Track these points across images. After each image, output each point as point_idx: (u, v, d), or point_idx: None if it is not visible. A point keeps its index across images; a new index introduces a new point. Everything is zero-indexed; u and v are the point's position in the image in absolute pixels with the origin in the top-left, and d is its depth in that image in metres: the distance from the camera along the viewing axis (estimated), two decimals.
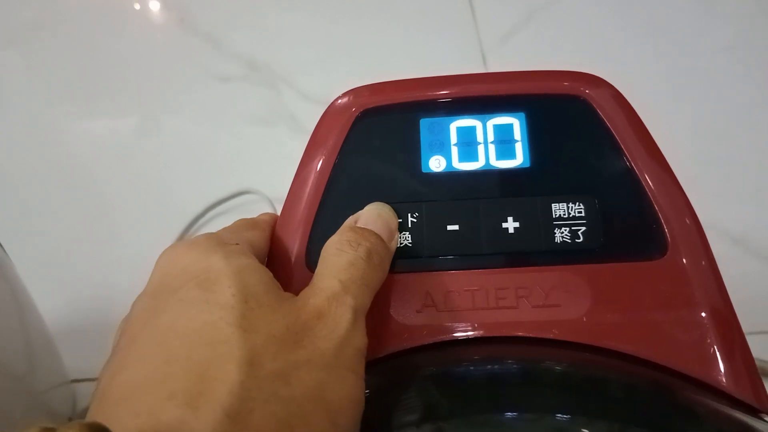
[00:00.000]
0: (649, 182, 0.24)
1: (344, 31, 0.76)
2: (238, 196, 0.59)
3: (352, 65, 0.77)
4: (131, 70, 0.75)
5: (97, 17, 0.81)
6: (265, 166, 0.61)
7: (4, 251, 0.40)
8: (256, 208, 0.58)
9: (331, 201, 0.26)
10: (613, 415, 0.20)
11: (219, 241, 0.23)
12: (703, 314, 0.22)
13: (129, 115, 0.69)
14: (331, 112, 0.27)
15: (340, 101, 0.27)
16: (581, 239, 0.24)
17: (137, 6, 0.82)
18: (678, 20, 0.71)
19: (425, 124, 0.26)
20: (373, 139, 0.26)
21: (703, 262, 0.23)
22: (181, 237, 0.57)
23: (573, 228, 0.24)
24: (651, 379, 0.21)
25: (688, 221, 0.24)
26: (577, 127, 0.25)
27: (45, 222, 0.59)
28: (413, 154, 0.25)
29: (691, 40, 0.69)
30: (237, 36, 0.77)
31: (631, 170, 0.25)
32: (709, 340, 0.22)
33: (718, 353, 0.22)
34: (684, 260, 0.23)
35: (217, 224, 0.58)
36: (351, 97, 0.27)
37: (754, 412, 0.21)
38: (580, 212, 0.24)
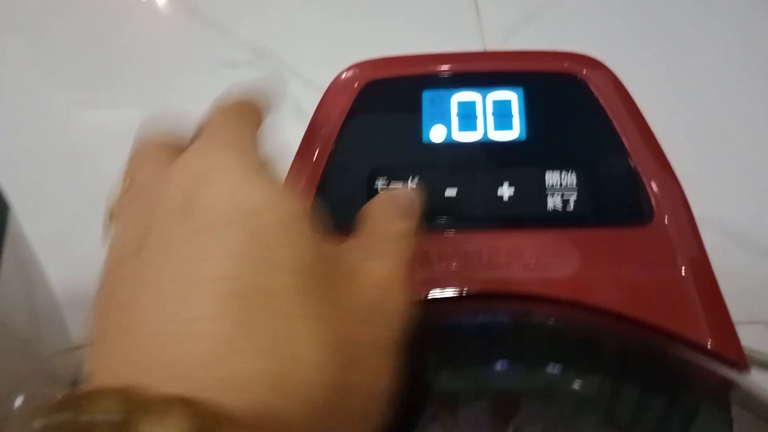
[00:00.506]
0: (638, 156, 0.26)
1: (349, 23, 0.77)
2: None
3: (356, 57, 0.78)
4: (139, 56, 0.77)
5: (105, 4, 0.82)
6: (271, 148, 0.62)
7: (18, 223, 0.41)
8: None
9: (335, 169, 0.27)
10: (600, 366, 0.21)
11: (258, 163, 0.18)
12: (685, 276, 0.24)
13: (135, 100, 0.71)
14: (336, 84, 0.28)
15: (345, 74, 0.28)
16: (572, 206, 0.25)
17: None
18: (679, 19, 0.72)
19: (427, 96, 0.27)
20: (377, 110, 0.27)
21: (686, 229, 0.25)
22: None
23: (565, 196, 0.25)
24: (637, 334, 0.23)
25: (673, 192, 0.25)
26: (571, 103, 0.27)
27: (55, 201, 0.60)
28: (415, 125, 0.27)
29: (692, 38, 0.70)
30: (243, 24, 0.78)
31: (621, 144, 0.26)
32: (690, 299, 0.23)
33: (698, 311, 0.23)
34: (668, 227, 0.25)
35: None
36: (356, 70, 0.28)
37: (733, 366, 0.23)
38: (572, 182, 0.25)
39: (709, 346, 0.23)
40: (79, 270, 0.53)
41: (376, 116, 0.27)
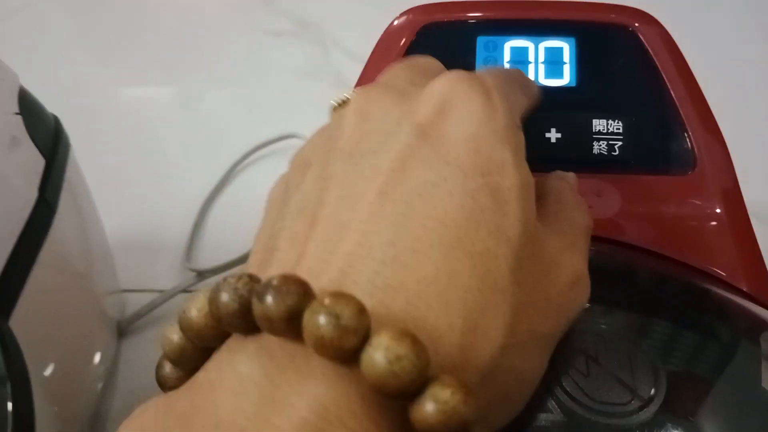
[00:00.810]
0: (684, 108, 0.27)
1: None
2: (282, 140, 0.61)
3: None
4: (186, 24, 0.79)
5: None
6: (310, 116, 0.64)
7: (77, 162, 0.43)
8: None
9: None
10: (641, 302, 0.22)
11: (511, 119, 0.18)
12: (724, 222, 0.25)
13: (183, 67, 0.73)
14: (392, 27, 0.29)
15: (400, 19, 0.29)
16: (617, 152, 0.26)
17: None
18: (716, 4, 0.72)
19: (481, 42, 0.28)
20: (432, 53, 0.28)
21: (726, 179, 0.25)
22: (227, 175, 0.60)
23: (611, 142, 0.26)
24: (676, 273, 0.24)
25: (715, 143, 0.26)
26: (622, 54, 0.28)
27: (105, 154, 0.62)
28: (468, 68, 0.28)
29: (727, 17, 0.70)
30: None
31: (667, 96, 0.27)
32: (728, 244, 0.24)
33: (735, 257, 0.24)
34: (709, 176, 0.25)
35: (261, 165, 0.61)
36: (411, 15, 0.29)
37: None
38: (618, 129, 0.26)
39: (745, 289, 0.24)
40: (124, 219, 0.55)
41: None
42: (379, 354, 0.12)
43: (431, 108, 0.17)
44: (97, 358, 0.45)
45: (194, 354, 0.15)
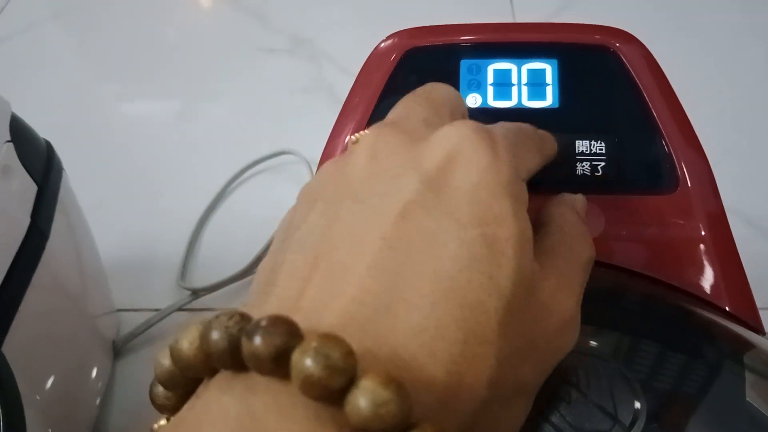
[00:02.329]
0: (666, 127, 0.27)
1: (384, 13, 0.78)
2: (276, 156, 0.62)
3: None
4: (181, 42, 0.79)
5: None
6: (304, 132, 0.64)
7: (70, 187, 0.43)
8: (293, 169, 0.61)
9: None
10: (623, 323, 0.22)
11: (514, 173, 0.18)
12: (707, 242, 0.25)
13: (178, 84, 0.73)
14: (377, 52, 0.29)
15: (386, 42, 0.30)
16: (600, 173, 0.26)
17: None
18: (709, 10, 0.72)
19: (465, 65, 0.28)
20: (416, 77, 0.29)
21: (709, 198, 0.26)
22: (221, 193, 0.60)
23: (593, 163, 0.26)
24: (659, 294, 0.24)
25: (698, 162, 0.26)
26: (604, 75, 0.28)
27: (101, 173, 0.63)
28: None
29: (725, 31, 0.70)
30: (283, 13, 0.80)
31: (650, 115, 0.27)
32: (711, 264, 0.24)
33: (718, 276, 0.24)
34: (692, 196, 0.26)
35: (256, 181, 0.62)
36: (396, 39, 0.29)
37: (751, 328, 0.24)
38: (601, 149, 0.26)
39: (727, 309, 0.24)
40: (119, 238, 0.56)
41: (415, 83, 0.28)
42: (365, 397, 0.13)
43: (439, 156, 0.17)
44: (92, 377, 0.45)
45: (184, 380, 0.16)
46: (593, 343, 0.21)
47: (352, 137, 0.22)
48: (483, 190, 0.17)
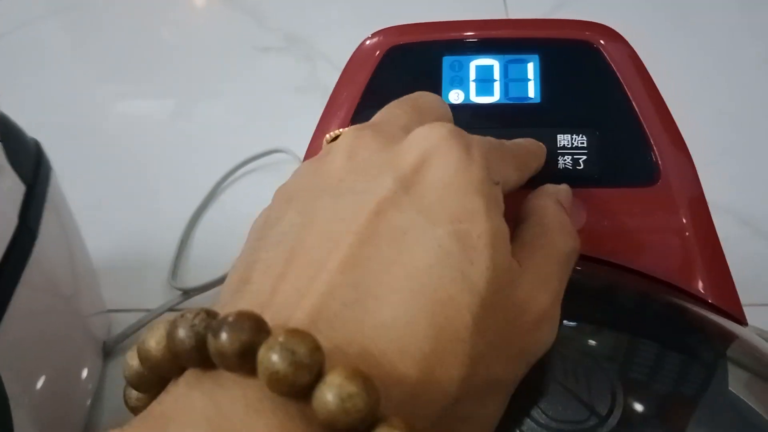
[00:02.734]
0: (648, 120, 0.27)
1: (378, 12, 0.79)
2: (269, 155, 0.62)
3: None
4: (177, 41, 0.79)
5: None
6: (297, 130, 0.64)
7: (59, 185, 0.43)
8: (285, 167, 0.62)
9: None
10: (603, 315, 0.22)
11: (486, 174, 0.18)
12: (689, 234, 0.25)
13: (173, 83, 0.73)
14: (361, 49, 0.30)
15: (370, 40, 0.30)
16: (582, 167, 0.26)
17: None
18: (707, 10, 0.72)
19: (447, 61, 0.28)
20: (399, 73, 0.29)
21: (691, 191, 0.26)
22: (213, 191, 0.60)
23: (575, 157, 0.26)
24: (643, 287, 0.24)
25: (680, 155, 0.26)
26: (586, 70, 0.28)
27: (92, 173, 0.63)
28: (435, 88, 0.28)
29: (719, 29, 0.70)
30: (278, 12, 0.80)
31: (631, 109, 0.27)
32: (693, 256, 0.24)
33: (700, 267, 0.24)
34: (673, 188, 0.26)
35: (248, 180, 0.62)
36: (380, 36, 0.29)
37: (733, 319, 0.24)
38: (582, 143, 0.27)
39: (710, 300, 0.24)
40: (111, 238, 0.56)
41: (399, 79, 0.29)
42: (331, 392, 0.13)
43: (413, 156, 0.18)
44: (82, 378, 0.45)
45: (153, 380, 0.16)
46: (573, 335, 0.21)
47: (327, 135, 0.22)
48: (455, 187, 0.17)
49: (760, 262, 0.51)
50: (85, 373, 0.45)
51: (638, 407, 0.19)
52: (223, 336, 0.13)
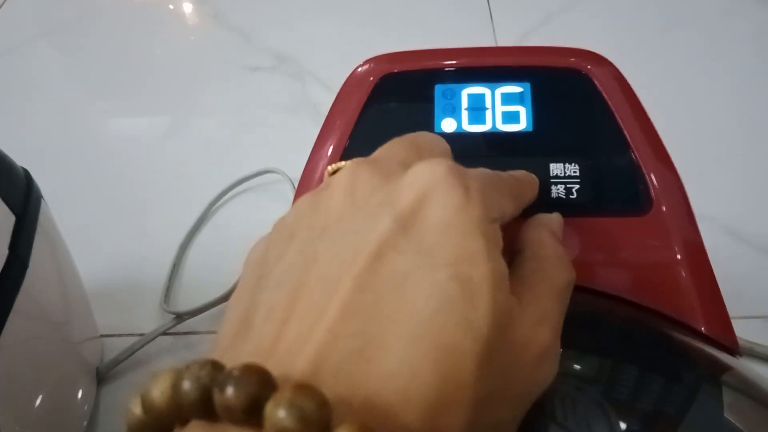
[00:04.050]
0: (638, 148, 0.27)
1: (367, 31, 0.79)
2: (260, 175, 0.62)
3: None
4: (166, 61, 0.79)
5: (133, 13, 0.85)
6: (288, 150, 0.64)
7: (49, 212, 0.43)
8: (277, 188, 0.61)
9: (352, 156, 0.28)
10: (596, 346, 0.22)
11: (485, 212, 0.18)
12: (682, 264, 0.25)
13: (163, 103, 0.73)
14: (354, 77, 0.30)
15: (362, 67, 0.30)
16: (575, 195, 0.26)
17: (172, 4, 0.86)
18: (690, 27, 0.73)
19: (439, 89, 0.29)
20: (392, 102, 0.29)
21: (684, 219, 0.26)
22: (204, 213, 0.60)
23: (568, 185, 0.27)
24: (634, 318, 0.24)
25: (672, 184, 0.27)
26: (577, 98, 0.28)
27: (83, 197, 0.62)
28: (427, 117, 0.28)
29: (700, 40, 0.71)
30: (266, 31, 0.81)
31: (623, 138, 0.27)
32: (687, 286, 0.25)
33: (694, 297, 0.24)
34: (666, 217, 0.26)
35: (240, 201, 0.62)
36: (373, 64, 0.30)
37: (726, 350, 0.24)
38: (575, 172, 0.27)
39: (703, 330, 0.24)
40: (102, 262, 0.55)
41: (391, 108, 0.29)
42: None
43: (412, 195, 0.17)
44: (76, 405, 0.44)
45: (156, 429, 0.15)
46: (570, 369, 0.21)
47: (329, 168, 0.22)
48: (455, 228, 0.17)
49: (749, 274, 0.51)
50: (78, 400, 0.45)
51: None
52: (230, 390, 0.13)
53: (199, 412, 0.14)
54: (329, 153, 0.29)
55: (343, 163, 0.21)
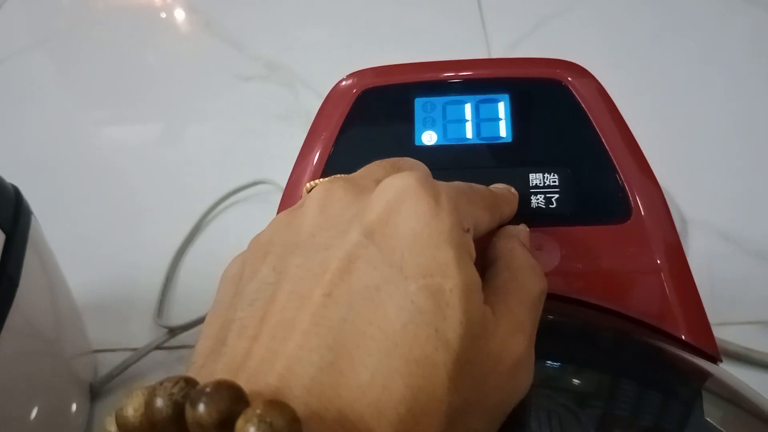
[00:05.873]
0: (618, 157, 0.27)
1: (359, 39, 0.79)
2: (253, 186, 0.62)
3: None
4: (159, 70, 0.80)
5: (126, 22, 0.85)
6: (281, 160, 0.64)
7: (40, 229, 0.43)
8: (269, 198, 0.62)
9: (333, 170, 0.29)
10: (576, 354, 0.22)
11: (456, 222, 0.18)
12: (662, 271, 0.25)
13: (156, 113, 0.73)
14: (335, 91, 0.30)
15: (344, 82, 0.30)
16: (554, 205, 0.27)
17: (164, 12, 0.87)
18: (682, 32, 0.73)
19: (419, 103, 0.29)
20: (373, 115, 0.29)
21: (663, 226, 0.26)
22: (197, 225, 0.60)
23: (548, 195, 0.27)
24: (616, 326, 0.24)
25: (651, 192, 0.27)
26: (556, 108, 0.28)
27: (75, 209, 0.63)
28: (408, 130, 0.29)
29: (691, 46, 0.71)
30: (259, 39, 0.81)
31: (602, 147, 0.27)
32: (667, 293, 0.25)
33: (674, 305, 0.25)
34: (646, 225, 0.26)
35: (232, 213, 0.62)
36: (354, 79, 0.30)
37: (708, 357, 0.24)
38: (555, 182, 0.27)
39: (683, 338, 0.24)
40: (95, 276, 0.55)
41: (372, 121, 0.29)
42: None
43: (381, 206, 0.17)
44: (69, 421, 0.45)
45: None
46: (545, 379, 0.21)
47: (306, 185, 0.22)
48: (425, 238, 0.17)
49: (744, 279, 0.51)
50: (72, 414, 0.45)
51: None
52: (201, 407, 0.13)
53: (172, 429, 0.14)
54: (311, 168, 0.29)
55: (319, 180, 0.21)
